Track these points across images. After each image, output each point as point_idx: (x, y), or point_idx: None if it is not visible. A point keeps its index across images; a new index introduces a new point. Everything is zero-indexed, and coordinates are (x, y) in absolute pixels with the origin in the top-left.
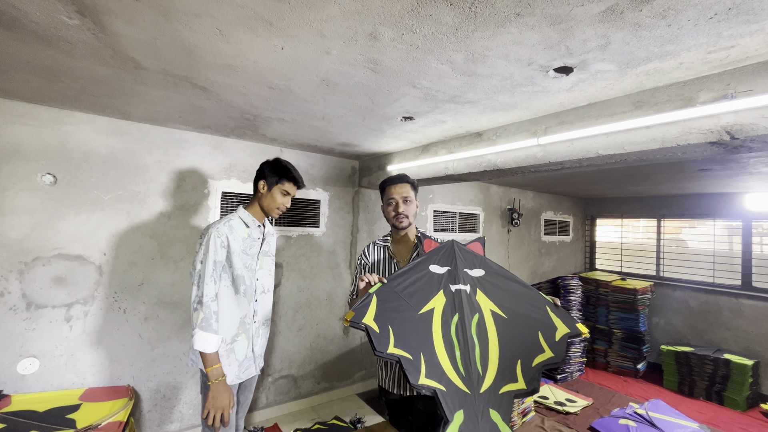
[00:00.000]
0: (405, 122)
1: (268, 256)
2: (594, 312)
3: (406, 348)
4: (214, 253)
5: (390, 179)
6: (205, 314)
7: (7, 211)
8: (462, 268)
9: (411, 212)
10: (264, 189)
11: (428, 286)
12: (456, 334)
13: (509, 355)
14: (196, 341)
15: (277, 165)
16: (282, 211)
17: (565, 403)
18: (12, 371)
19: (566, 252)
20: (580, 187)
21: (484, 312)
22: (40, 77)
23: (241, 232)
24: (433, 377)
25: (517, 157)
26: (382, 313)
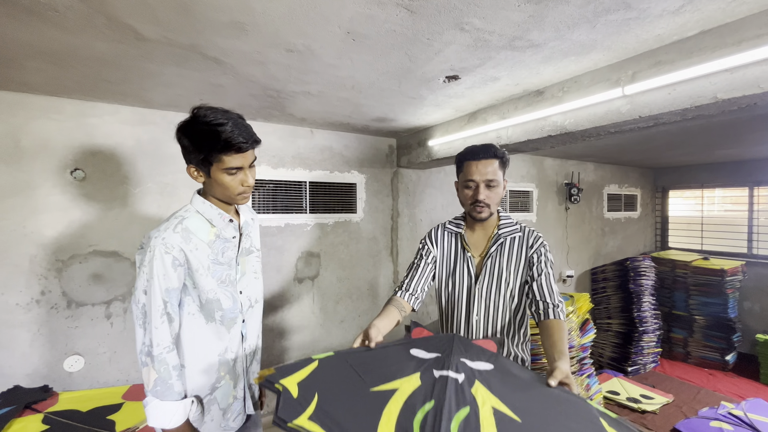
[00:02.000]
0: (449, 84)
1: (251, 254)
2: (670, 296)
3: (327, 425)
4: (163, 278)
5: (471, 151)
6: (161, 374)
7: (41, 210)
8: (458, 357)
9: (495, 200)
10: (201, 177)
11: (399, 365)
12: (420, 425)
13: None
14: (151, 415)
15: (195, 131)
16: (248, 194)
17: (640, 400)
18: (59, 369)
19: (633, 230)
20: (652, 155)
21: (481, 408)
22: (50, 63)
23: (204, 234)
24: None
25: (592, 114)
26: (315, 379)
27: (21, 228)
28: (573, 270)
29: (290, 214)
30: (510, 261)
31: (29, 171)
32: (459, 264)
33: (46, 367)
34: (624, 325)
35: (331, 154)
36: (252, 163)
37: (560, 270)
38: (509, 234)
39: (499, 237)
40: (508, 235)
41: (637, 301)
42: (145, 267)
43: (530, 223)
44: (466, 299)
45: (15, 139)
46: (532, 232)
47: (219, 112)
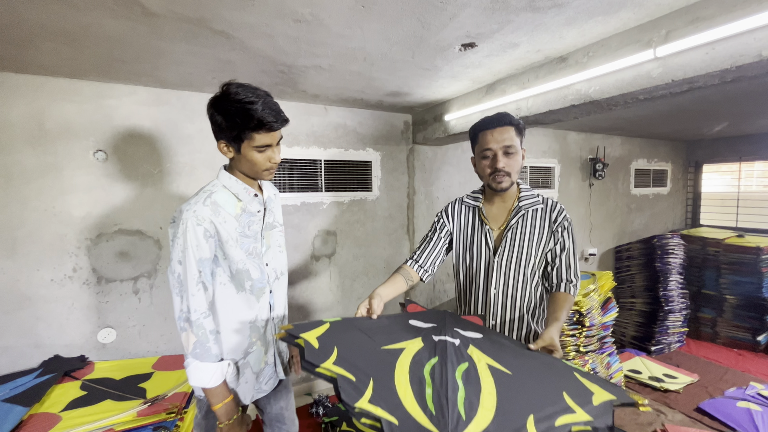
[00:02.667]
0: (465, 53)
1: (275, 229)
2: (699, 275)
3: (350, 369)
4: (196, 249)
5: (484, 122)
6: (199, 337)
7: (68, 190)
8: (451, 327)
9: (515, 168)
10: (230, 152)
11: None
12: (430, 372)
13: (514, 406)
14: (191, 375)
15: (228, 109)
16: (273, 170)
17: (662, 379)
18: (94, 340)
19: (662, 206)
20: (686, 127)
21: (477, 363)
22: (64, 44)
23: (231, 208)
24: (380, 404)
25: (620, 81)
26: (331, 336)
27: (51, 208)
28: (596, 248)
29: (306, 192)
30: (532, 234)
31: (54, 153)
32: (477, 237)
33: (82, 339)
34: (648, 305)
35: (346, 131)
36: (279, 141)
37: (582, 248)
38: (531, 206)
39: (519, 209)
40: (529, 207)
41: (663, 280)
42: (178, 239)
43: None
44: (485, 273)
45: (39, 122)
46: (555, 204)
47: (249, 90)
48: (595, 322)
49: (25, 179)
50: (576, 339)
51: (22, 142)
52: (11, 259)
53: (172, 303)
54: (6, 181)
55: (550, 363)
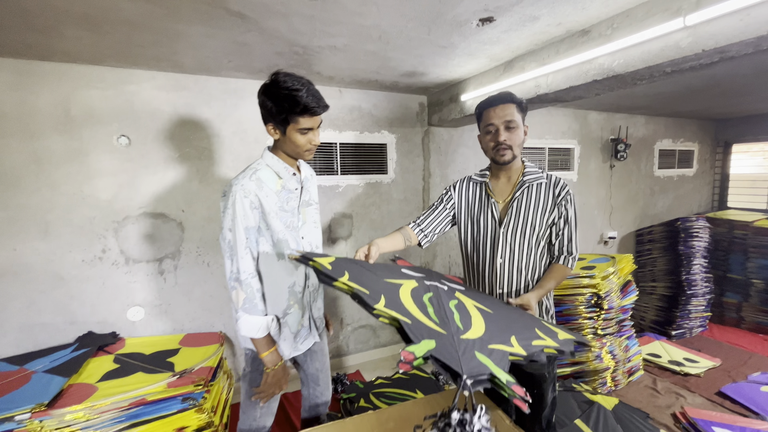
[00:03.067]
0: (482, 28)
1: (310, 206)
2: (725, 259)
3: (363, 286)
4: (243, 218)
5: (488, 100)
6: (248, 294)
7: (95, 174)
8: (438, 279)
9: (516, 141)
10: (276, 133)
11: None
12: (429, 300)
13: (498, 328)
14: (242, 327)
15: (276, 95)
16: (313, 151)
17: (683, 363)
18: (124, 318)
19: (687, 188)
20: (715, 104)
21: (465, 302)
22: (86, 30)
23: (273, 184)
24: (394, 309)
25: (646, 53)
26: (340, 264)
27: (79, 192)
28: (616, 231)
29: (322, 175)
30: (537, 205)
31: (80, 139)
32: (483, 210)
33: (113, 316)
34: (670, 288)
35: (360, 114)
36: (319, 125)
37: (602, 231)
38: (534, 180)
39: (524, 183)
40: (533, 181)
41: (686, 264)
42: (228, 209)
43: (570, 182)
44: (491, 243)
45: (65, 108)
46: (559, 180)
47: (295, 78)
48: (614, 305)
49: (54, 164)
50: (594, 322)
51: (50, 129)
52: (44, 241)
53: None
54: (37, 166)
55: (521, 311)
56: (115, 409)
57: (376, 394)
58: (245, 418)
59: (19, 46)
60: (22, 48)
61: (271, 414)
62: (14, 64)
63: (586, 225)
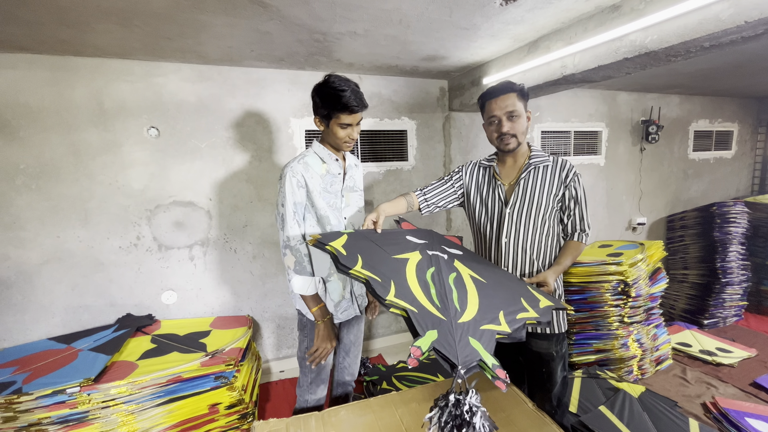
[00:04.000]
0: (506, 7)
1: (354, 192)
2: (764, 246)
3: (375, 272)
4: (291, 194)
5: (489, 91)
6: (297, 257)
7: (128, 165)
8: (439, 245)
9: (519, 130)
10: (321, 125)
11: (404, 245)
12: (432, 278)
13: (489, 305)
14: (294, 285)
15: (324, 93)
16: (351, 144)
17: (715, 353)
18: (158, 302)
19: (724, 172)
20: (758, 80)
21: (462, 273)
22: (116, 24)
23: (318, 168)
24: (402, 298)
25: (682, 27)
26: (352, 245)
27: (114, 182)
28: (645, 217)
29: None
30: (543, 187)
31: (113, 131)
32: (490, 191)
33: (149, 300)
34: (703, 276)
35: (380, 100)
36: (359, 122)
37: (630, 217)
38: (540, 162)
39: (529, 165)
40: (539, 164)
41: (722, 251)
42: (282, 188)
43: (597, 167)
44: (497, 223)
45: (99, 101)
46: (565, 162)
47: (343, 81)
48: (642, 293)
49: (91, 155)
50: (620, 309)
51: (85, 121)
52: (85, 228)
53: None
54: (75, 158)
55: (510, 277)
56: (154, 385)
57: (398, 377)
58: (299, 390)
59: (54, 42)
60: (57, 44)
61: (322, 382)
62: (51, 60)
63: (613, 211)
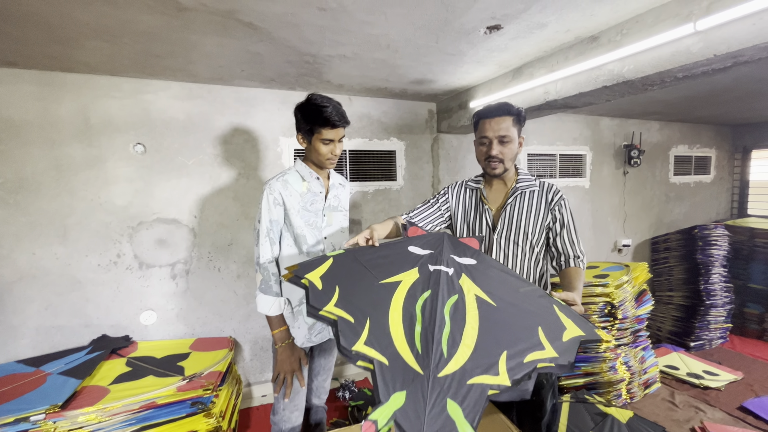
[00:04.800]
0: (490, 36)
1: (338, 211)
2: (745, 268)
3: (350, 310)
4: (267, 211)
5: (485, 110)
6: (264, 276)
7: (111, 181)
8: (448, 254)
9: (508, 155)
10: (304, 142)
11: (400, 261)
12: (422, 308)
13: (491, 342)
14: (258, 304)
15: (307, 109)
16: (334, 161)
17: (702, 376)
18: (136, 322)
19: (704, 195)
20: (732, 108)
21: (466, 295)
22: (106, 41)
23: (298, 186)
24: (374, 346)
25: (656, 58)
26: (333, 274)
27: (96, 198)
28: (630, 239)
29: None
30: (529, 212)
31: (99, 146)
32: (477, 216)
33: (126, 320)
34: (688, 298)
35: (370, 121)
36: (341, 139)
37: (615, 239)
38: (527, 187)
39: (516, 190)
40: (526, 189)
41: (705, 273)
42: (260, 204)
43: (582, 189)
44: (485, 250)
45: (85, 117)
46: (552, 186)
47: (325, 98)
48: (629, 315)
49: (73, 171)
50: (608, 332)
51: (70, 137)
52: (63, 245)
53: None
54: (57, 173)
55: (533, 294)
56: (126, 412)
57: None
58: (273, 418)
59: (44, 58)
60: (46, 60)
61: (297, 409)
62: (39, 75)
63: (599, 232)
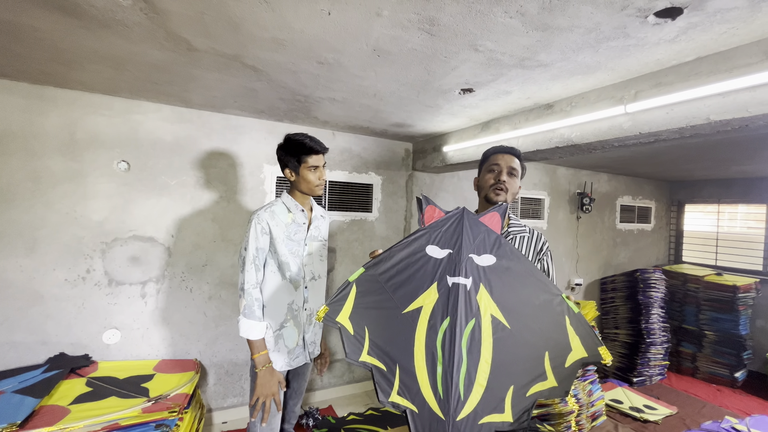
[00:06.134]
0: (464, 96)
1: (317, 241)
2: (680, 310)
3: (381, 357)
4: (255, 239)
5: (499, 148)
6: (247, 301)
7: (90, 196)
8: (467, 253)
9: (512, 189)
10: (293, 176)
11: (420, 277)
12: (442, 344)
13: (501, 378)
14: (241, 328)
15: (290, 145)
16: (322, 186)
17: (643, 410)
18: (98, 341)
19: (646, 242)
20: (667, 168)
21: (483, 317)
22: (109, 66)
23: (284, 217)
24: (406, 395)
25: (597, 129)
26: (360, 309)
27: (72, 212)
28: (582, 278)
29: None
30: None
31: (81, 161)
32: None
33: (88, 338)
34: (631, 336)
35: (351, 155)
36: (324, 165)
37: (569, 278)
38: (518, 233)
39: (509, 234)
40: (517, 234)
41: (645, 313)
42: (247, 232)
43: (541, 230)
44: None
45: (71, 132)
46: (540, 235)
47: (301, 134)
48: None
49: (51, 183)
50: None
51: (52, 150)
52: (30, 257)
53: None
54: (34, 184)
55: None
56: None
57: (348, 430)
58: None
59: (37, 73)
60: (41, 75)
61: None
62: (28, 88)
63: (555, 271)
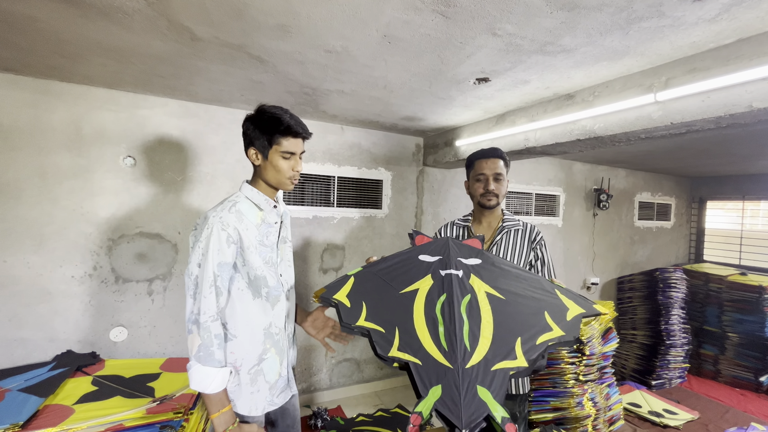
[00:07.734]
0: (478, 86)
1: (286, 243)
2: (701, 311)
3: (379, 322)
4: (218, 253)
5: (480, 152)
6: (204, 340)
7: (97, 192)
8: (455, 258)
9: (501, 192)
10: (258, 159)
11: (414, 270)
12: (441, 311)
13: (506, 332)
14: (193, 379)
15: (261, 119)
16: (296, 178)
17: (662, 414)
18: (105, 338)
19: (665, 240)
20: (689, 163)
21: (478, 293)
22: (113, 59)
23: (253, 218)
24: (407, 350)
25: (623, 120)
26: (357, 291)
27: (79, 208)
28: (598, 278)
29: (318, 206)
30: (514, 250)
31: (87, 157)
32: None
33: (95, 336)
34: (650, 338)
35: (360, 150)
36: (301, 154)
37: (585, 277)
38: (512, 227)
39: (503, 228)
40: (511, 227)
41: (665, 314)
42: (201, 243)
43: (556, 228)
44: None
45: (77, 127)
46: (534, 227)
47: (280, 108)
48: (595, 351)
49: (58, 179)
50: (576, 367)
51: (59, 145)
52: (37, 254)
53: (185, 306)
54: (41, 180)
55: (536, 282)
56: None
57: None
58: None
59: (43, 67)
60: (46, 69)
61: None
62: (34, 83)
63: (569, 270)
